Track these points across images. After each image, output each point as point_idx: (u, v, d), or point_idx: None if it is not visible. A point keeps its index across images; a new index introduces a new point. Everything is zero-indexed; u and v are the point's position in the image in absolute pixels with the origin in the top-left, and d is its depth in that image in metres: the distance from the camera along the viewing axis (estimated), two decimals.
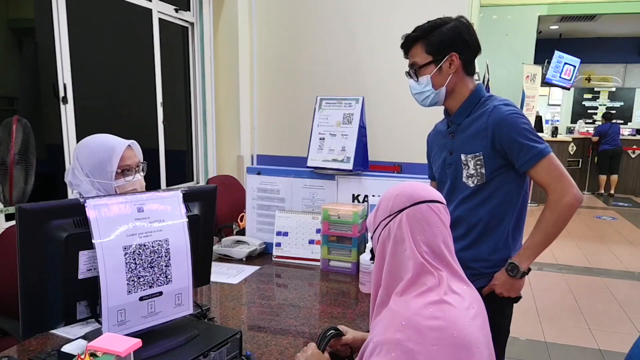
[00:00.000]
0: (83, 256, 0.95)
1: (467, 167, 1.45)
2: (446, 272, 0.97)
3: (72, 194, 1.60)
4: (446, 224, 1.00)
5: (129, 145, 1.54)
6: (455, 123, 1.49)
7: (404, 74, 1.52)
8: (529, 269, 1.40)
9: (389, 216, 0.99)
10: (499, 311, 1.40)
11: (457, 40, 1.42)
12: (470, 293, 1.00)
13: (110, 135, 1.55)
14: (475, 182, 1.44)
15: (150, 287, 1.00)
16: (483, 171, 1.42)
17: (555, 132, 8.30)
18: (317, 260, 1.90)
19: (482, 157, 1.41)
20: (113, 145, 1.49)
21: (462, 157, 1.46)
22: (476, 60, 1.52)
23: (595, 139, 8.24)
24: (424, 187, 1.03)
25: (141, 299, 0.98)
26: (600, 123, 9.08)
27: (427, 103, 1.50)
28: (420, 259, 0.95)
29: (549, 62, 7.03)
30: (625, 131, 8.99)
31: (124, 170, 1.49)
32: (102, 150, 1.48)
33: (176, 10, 3.32)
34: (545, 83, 7.06)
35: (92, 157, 1.49)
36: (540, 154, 1.35)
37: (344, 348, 1.17)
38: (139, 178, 1.54)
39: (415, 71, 1.46)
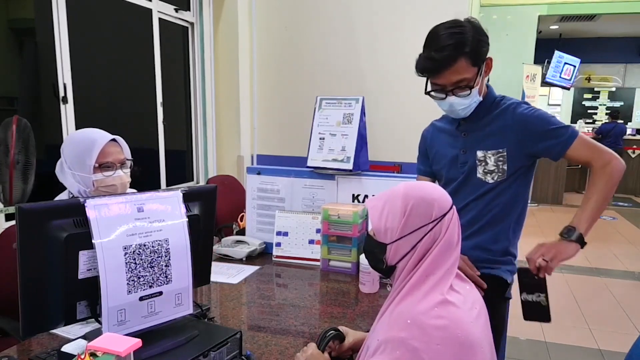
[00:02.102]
0: (83, 256, 0.95)
1: (483, 164, 1.46)
2: (455, 273, 0.99)
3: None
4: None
5: (114, 140, 1.53)
6: (471, 122, 1.48)
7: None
8: (585, 242, 1.36)
9: (433, 221, 0.96)
10: (493, 311, 1.40)
11: (487, 43, 1.39)
12: (472, 293, 1.01)
13: (98, 129, 1.54)
14: (495, 179, 1.45)
15: (150, 287, 1.00)
16: (505, 167, 1.43)
17: None
18: (317, 260, 1.90)
19: (505, 153, 1.43)
20: (95, 139, 1.49)
21: (479, 153, 1.46)
22: None
23: (597, 137, 8.22)
24: (440, 188, 1.04)
25: (141, 299, 0.98)
26: (601, 122, 9.09)
27: (470, 112, 1.45)
28: (456, 259, 0.98)
29: (549, 62, 7.03)
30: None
31: (101, 165, 1.48)
32: (84, 143, 1.48)
33: (176, 10, 3.32)
34: (545, 83, 7.05)
35: (74, 149, 1.49)
36: (574, 133, 1.38)
37: (347, 351, 1.17)
38: (120, 174, 1.52)
39: (469, 87, 1.37)
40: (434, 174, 1.67)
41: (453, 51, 1.32)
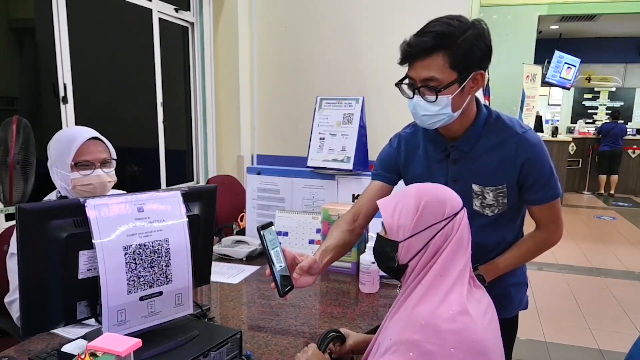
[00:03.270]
0: (83, 256, 0.95)
1: (481, 197, 1.28)
2: (468, 275, 0.99)
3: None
4: None
5: (97, 139, 1.52)
6: (462, 150, 1.27)
7: (403, 73, 1.28)
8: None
9: (445, 219, 0.97)
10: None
11: (485, 54, 1.17)
12: (484, 297, 1.01)
13: (85, 128, 1.54)
14: (495, 212, 1.29)
15: (151, 287, 1.00)
16: (505, 201, 1.27)
17: (555, 132, 8.30)
18: None
19: (505, 189, 1.26)
20: (75, 137, 1.48)
21: (475, 187, 1.27)
22: None
23: (597, 135, 8.24)
24: (450, 189, 1.04)
25: (141, 298, 0.98)
26: (601, 122, 9.11)
27: (436, 126, 1.23)
28: (468, 261, 0.97)
29: (549, 62, 7.04)
30: None
31: (78, 164, 1.47)
32: (64, 141, 1.49)
33: (176, 10, 3.32)
34: (546, 83, 7.06)
35: (55, 147, 1.50)
36: (556, 195, 1.26)
37: (347, 353, 1.17)
38: (98, 174, 1.50)
39: (434, 89, 1.15)
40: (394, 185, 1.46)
41: (431, 40, 1.12)
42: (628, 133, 8.50)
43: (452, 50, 1.12)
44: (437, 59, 1.13)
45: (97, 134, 1.54)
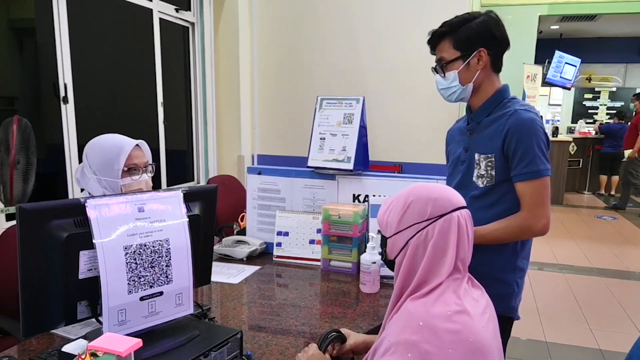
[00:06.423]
0: (84, 256, 0.95)
1: (478, 167, 1.42)
2: (467, 277, 0.99)
3: (72, 194, 1.59)
4: (471, 230, 1.01)
5: (137, 145, 1.54)
6: (475, 121, 1.46)
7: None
8: None
9: (426, 220, 0.97)
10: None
11: (485, 36, 1.39)
12: (483, 297, 1.00)
13: (120, 135, 1.56)
14: (484, 183, 1.41)
15: (151, 287, 1.00)
16: (493, 173, 1.38)
17: (555, 132, 8.29)
18: (318, 260, 1.89)
19: (493, 159, 1.38)
20: (122, 144, 1.50)
21: (476, 156, 1.42)
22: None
23: (602, 136, 8.15)
24: (453, 191, 1.03)
25: (142, 298, 0.98)
26: (600, 122, 9.07)
27: (453, 99, 1.46)
28: (454, 267, 0.97)
29: (549, 62, 7.02)
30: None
31: (130, 169, 1.50)
32: (111, 149, 1.49)
33: (177, 10, 3.32)
34: (546, 83, 7.05)
35: (100, 155, 1.50)
36: (539, 173, 1.31)
37: (347, 353, 1.17)
38: (145, 178, 1.54)
39: (442, 67, 1.43)
40: None
41: (440, 29, 1.42)
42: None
43: (455, 35, 1.39)
44: (444, 43, 1.42)
45: (138, 141, 1.55)
